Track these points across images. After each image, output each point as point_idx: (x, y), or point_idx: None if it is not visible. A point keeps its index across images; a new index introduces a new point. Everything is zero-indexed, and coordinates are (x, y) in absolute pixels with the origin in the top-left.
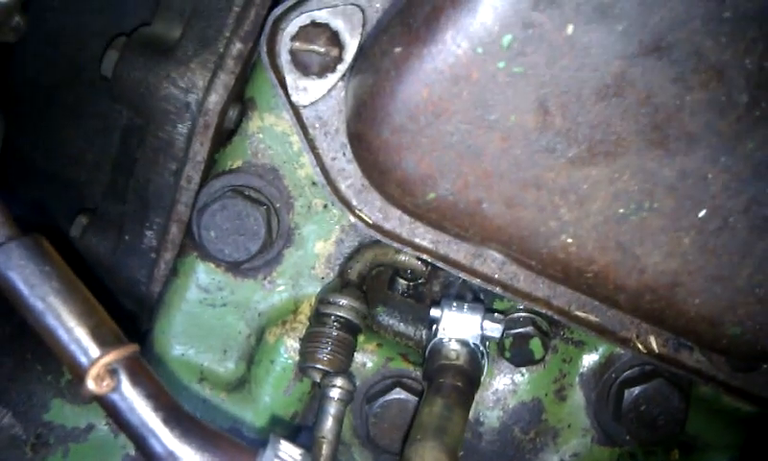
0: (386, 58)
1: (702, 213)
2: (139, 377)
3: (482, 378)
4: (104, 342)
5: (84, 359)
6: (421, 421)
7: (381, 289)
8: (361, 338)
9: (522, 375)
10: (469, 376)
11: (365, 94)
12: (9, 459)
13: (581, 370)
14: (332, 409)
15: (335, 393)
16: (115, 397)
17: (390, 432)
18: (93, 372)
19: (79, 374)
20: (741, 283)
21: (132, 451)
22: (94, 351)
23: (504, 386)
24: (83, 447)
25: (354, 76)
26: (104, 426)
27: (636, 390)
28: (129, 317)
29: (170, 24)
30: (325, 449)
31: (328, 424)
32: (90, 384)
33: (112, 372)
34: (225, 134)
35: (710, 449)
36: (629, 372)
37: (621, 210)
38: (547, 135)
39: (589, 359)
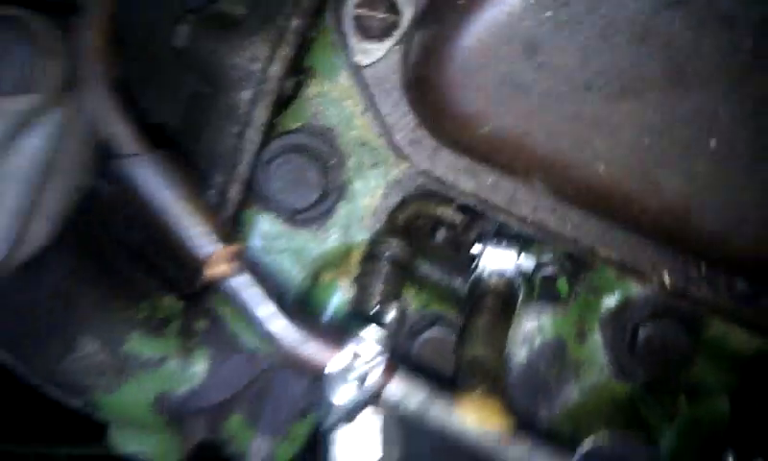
0: (451, 10)
1: (713, 143)
2: (250, 267)
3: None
4: (222, 238)
5: (207, 249)
6: (469, 331)
7: (422, 240)
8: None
9: (547, 318)
10: (507, 300)
11: (432, 41)
12: (93, 383)
13: (600, 313)
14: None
15: (389, 317)
16: (232, 280)
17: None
18: (214, 259)
19: (200, 263)
20: (747, 203)
21: (201, 382)
22: (215, 243)
23: (531, 327)
24: (157, 374)
25: (420, 29)
26: (176, 358)
27: (649, 329)
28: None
29: (234, 3)
30: None
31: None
32: (213, 269)
33: (230, 260)
34: (282, 102)
35: (713, 394)
36: (643, 314)
37: (646, 140)
38: (586, 74)
39: (608, 304)
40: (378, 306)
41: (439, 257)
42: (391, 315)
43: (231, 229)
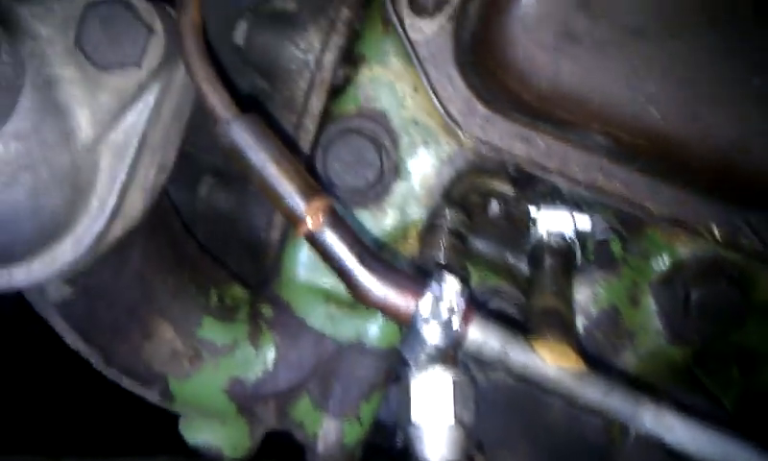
0: None
1: (756, 80)
2: (339, 220)
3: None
4: (314, 192)
5: (302, 204)
6: (538, 284)
7: (477, 215)
8: None
9: (600, 285)
10: (567, 258)
11: (489, 4)
12: (169, 370)
13: (651, 278)
14: None
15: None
16: (324, 233)
17: None
18: (310, 211)
19: (297, 217)
20: None
21: (271, 367)
22: (309, 197)
23: (586, 297)
24: (229, 360)
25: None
26: (247, 343)
27: (701, 290)
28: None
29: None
30: None
31: None
32: (309, 222)
33: (322, 213)
34: (337, 92)
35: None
36: (694, 276)
37: (694, 81)
38: (635, 19)
39: (658, 267)
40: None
41: (493, 232)
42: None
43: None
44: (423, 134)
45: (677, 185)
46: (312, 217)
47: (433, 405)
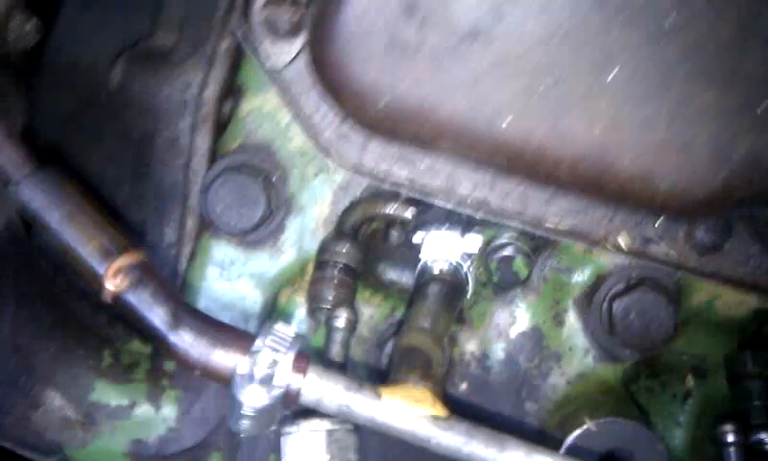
0: None
1: (611, 76)
2: (149, 276)
3: (468, 296)
4: (116, 249)
5: (100, 266)
6: (406, 320)
7: (377, 245)
8: (366, 293)
9: (520, 307)
10: (452, 285)
11: (320, 18)
12: (62, 439)
13: (573, 294)
14: (338, 336)
15: (340, 322)
16: (129, 294)
17: None
18: (109, 273)
19: (98, 281)
20: (660, 136)
21: (174, 424)
22: (109, 257)
23: (503, 320)
24: (128, 422)
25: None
26: (145, 403)
27: (624, 300)
28: None
29: (167, 34)
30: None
31: (336, 348)
32: (109, 285)
33: (125, 272)
34: (223, 126)
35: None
36: (616, 287)
37: (541, 87)
38: (471, 20)
39: (579, 282)
40: (330, 314)
41: (400, 260)
42: (342, 322)
43: (191, 259)
44: (314, 165)
45: (574, 195)
46: (112, 280)
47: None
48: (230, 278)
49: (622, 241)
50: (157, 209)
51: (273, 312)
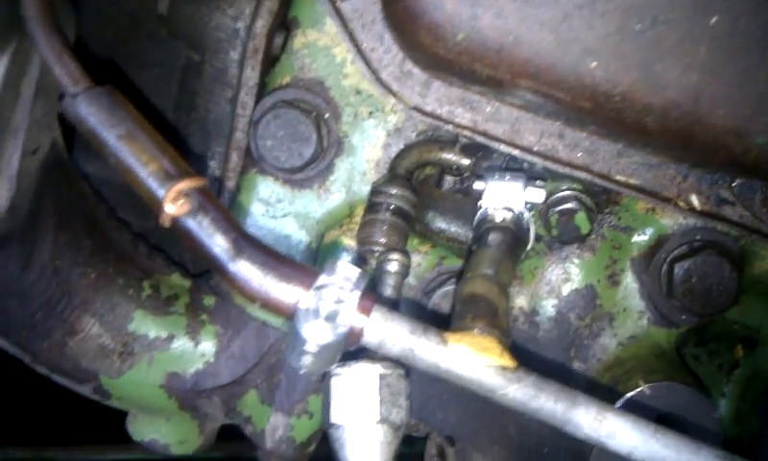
0: None
1: (713, 20)
2: (211, 203)
3: (529, 248)
4: (178, 173)
5: (161, 188)
6: (469, 268)
7: (430, 192)
8: (414, 241)
9: (574, 263)
10: (515, 235)
11: None
12: (98, 367)
13: (631, 254)
14: (391, 280)
15: (392, 266)
16: (190, 219)
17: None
18: (170, 195)
19: (157, 203)
20: (761, 88)
21: (212, 359)
22: (170, 179)
23: (557, 276)
24: (165, 354)
25: None
26: (184, 336)
27: (686, 264)
28: None
29: None
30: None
31: (388, 292)
32: (169, 208)
33: (187, 196)
34: (273, 60)
35: None
36: (678, 250)
37: (637, 27)
38: None
39: (639, 243)
40: (383, 258)
41: (451, 208)
42: (395, 265)
43: (235, 194)
44: (368, 105)
45: (647, 151)
46: (173, 202)
47: (355, 404)
48: (275, 215)
49: (696, 200)
50: (202, 142)
51: (317, 253)
